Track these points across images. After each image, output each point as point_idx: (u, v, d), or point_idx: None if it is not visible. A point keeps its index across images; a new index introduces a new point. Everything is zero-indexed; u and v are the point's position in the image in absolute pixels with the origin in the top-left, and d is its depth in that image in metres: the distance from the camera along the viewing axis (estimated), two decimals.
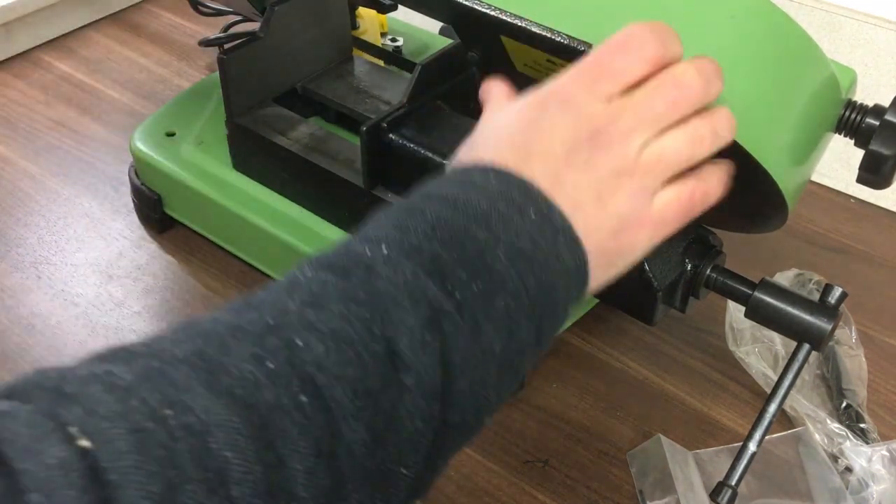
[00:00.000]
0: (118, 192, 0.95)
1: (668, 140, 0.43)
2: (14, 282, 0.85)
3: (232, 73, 0.78)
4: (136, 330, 0.81)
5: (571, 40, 0.53)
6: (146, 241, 0.90)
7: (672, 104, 0.43)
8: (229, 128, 0.82)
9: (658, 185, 0.44)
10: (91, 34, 1.21)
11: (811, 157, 0.58)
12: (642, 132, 0.43)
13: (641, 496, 0.68)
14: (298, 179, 0.79)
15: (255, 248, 0.84)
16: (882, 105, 0.57)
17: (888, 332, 0.82)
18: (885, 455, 0.68)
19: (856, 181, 0.57)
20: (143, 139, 0.88)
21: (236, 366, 0.33)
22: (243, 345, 0.34)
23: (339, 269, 0.38)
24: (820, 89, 0.55)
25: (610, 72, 0.43)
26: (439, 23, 1.04)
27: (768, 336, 0.78)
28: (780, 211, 0.59)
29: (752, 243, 0.87)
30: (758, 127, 0.53)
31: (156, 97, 1.09)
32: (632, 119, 0.43)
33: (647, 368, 0.79)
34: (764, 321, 0.59)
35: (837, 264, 0.90)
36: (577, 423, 0.74)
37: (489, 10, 0.56)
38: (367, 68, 0.88)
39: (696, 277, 0.61)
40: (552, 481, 0.70)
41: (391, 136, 0.70)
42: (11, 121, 1.05)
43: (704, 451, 0.70)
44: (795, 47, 0.53)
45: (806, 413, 0.72)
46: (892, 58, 0.90)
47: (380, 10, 0.85)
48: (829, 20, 0.92)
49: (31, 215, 0.93)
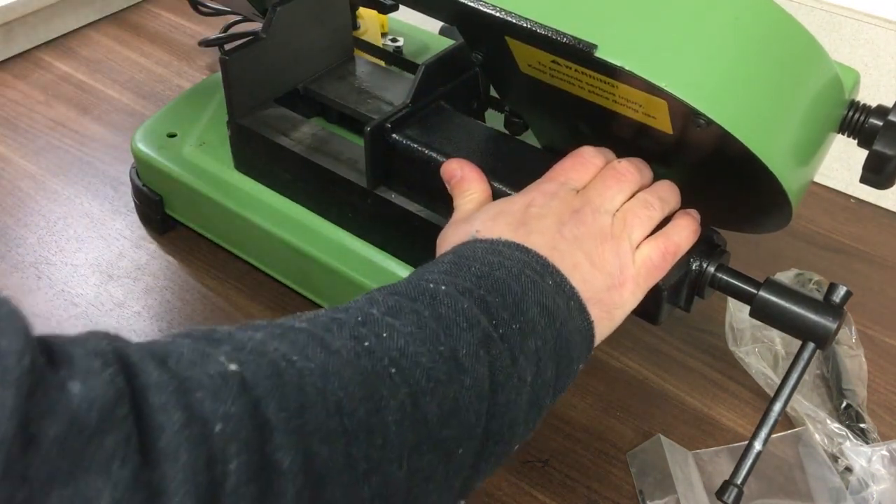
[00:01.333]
0: (118, 192, 0.95)
1: (627, 208, 0.57)
2: (14, 282, 0.85)
3: (234, 73, 0.78)
4: (136, 330, 0.81)
5: (576, 41, 0.53)
6: (146, 242, 0.90)
7: (618, 185, 0.57)
8: (231, 128, 0.82)
9: (634, 244, 0.56)
10: (91, 34, 1.21)
11: (815, 158, 0.59)
12: (608, 206, 0.56)
13: (641, 496, 0.68)
14: (301, 180, 0.79)
15: (256, 248, 0.84)
16: (885, 105, 0.57)
17: (888, 332, 0.83)
18: (885, 455, 0.68)
19: (859, 181, 0.57)
20: (145, 140, 0.88)
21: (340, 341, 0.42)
22: (343, 330, 0.43)
23: (407, 295, 0.47)
24: (823, 90, 0.56)
25: (574, 174, 0.58)
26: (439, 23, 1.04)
27: (768, 336, 0.78)
28: (783, 211, 0.59)
29: (752, 243, 0.88)
30: (762, 127, 0.53)
31: (156, 97, 1.09)
32: (597, 199, 0.56)
33: (647, 368, 0.79)
34: (769, 320, 0.59)
35: (837, 264, 0.90)
36: (577, 423, 0.74)
37: (493, 11, 0.56)
38: (368, 69, 0.88)
39: (701, 277, 0.61)
40: (552, 481, 0.70)
41: (395, 136, 0.70)
42: (11, 121, 1.05)
43: (704, 451, 0.71)
44: (799, 48, 0.54)
45: (806, 413, 0.72)
46: (892, 58, 0.90)
47: (381, 11, 0.85)
48: (829, 20, 0.92)
49: (31, 215, 0.93)
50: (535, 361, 0.48)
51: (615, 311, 0.54)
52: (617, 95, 0.57)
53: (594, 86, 0.58)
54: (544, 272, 0.51)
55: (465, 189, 0.61)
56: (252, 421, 0.36)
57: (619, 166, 0.58)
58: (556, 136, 0.73)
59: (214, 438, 0.34)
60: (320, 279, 0.79)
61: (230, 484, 0.34)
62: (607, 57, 0.52)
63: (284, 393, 0.37)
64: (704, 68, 0.52)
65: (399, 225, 0.73)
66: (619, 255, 0.54)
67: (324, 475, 0.37)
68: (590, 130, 0.67)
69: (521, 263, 0.51)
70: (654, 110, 0.56)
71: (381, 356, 0.42)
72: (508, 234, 0.53)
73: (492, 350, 0.46)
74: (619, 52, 0.52)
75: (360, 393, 0.40)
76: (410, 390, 0.42)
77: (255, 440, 0.35)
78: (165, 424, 0.34)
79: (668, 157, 0.63)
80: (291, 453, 0.36)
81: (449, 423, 0.43)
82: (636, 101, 0.56)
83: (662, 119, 0.56)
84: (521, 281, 0.49)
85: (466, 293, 0.48)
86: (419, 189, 0.71)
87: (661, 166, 0.62)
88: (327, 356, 0.41)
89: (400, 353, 0.43)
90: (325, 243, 0.78)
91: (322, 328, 0.43)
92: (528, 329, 0.48)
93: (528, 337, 0.48)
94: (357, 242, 0.77)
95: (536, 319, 0.49)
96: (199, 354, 0.37)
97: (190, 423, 0.34)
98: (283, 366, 0.39)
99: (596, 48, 0.52)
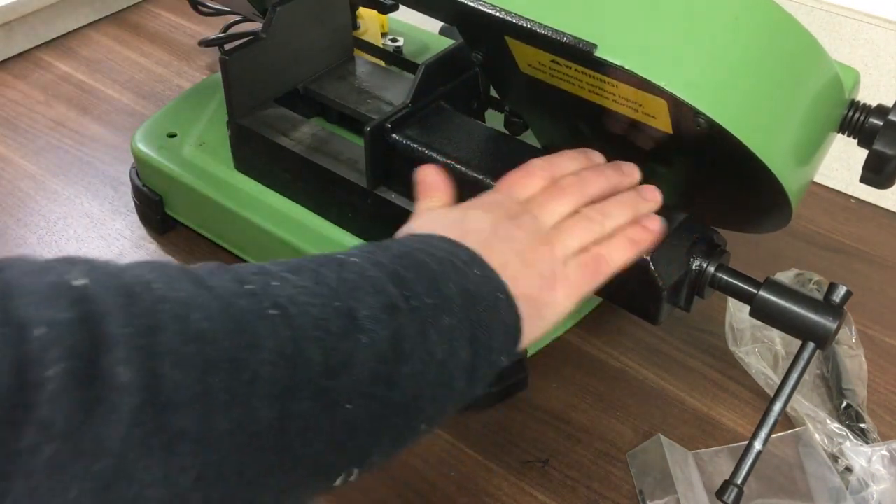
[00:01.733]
0: (118, 192, 0.95)
1: (567, 219, 0.57)
2: None
3: (234, 73, 0.78)
4: None
5: (576, 41, 0.53)
6: (146, 242, 0.90)
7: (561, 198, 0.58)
8: (231, 128, 0.82)
9: (569, 253, 0.56)
10: (91, 34, 1.21)
11: (815, 157, 0.59)
12: (546, 217, 0.57)
13: (641, 496, 0.68)
14: (300, 180, 0.79)
15: (256, 248, 0.84)
16: (886, 105, 0.57)
17: (888, 332, 0.83)
18: (885, 455, 0.68)
19: (859, 181, 0.57)
20: (145, 140, 0.88)
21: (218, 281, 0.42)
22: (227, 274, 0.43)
23: (315, 261, 0.47)
24: (824, 89, 0.56)
25: (518, 186, 0.59)
26: (439, 23, 1.04)
27: (768, 336, 0.78)
28: (783, 210, 0.59)
29: (752, 243, 0.88)
30: (762, 127, 0.53)
31: (156, 97, 1.09)
32: (537, 208, 0.57)
33: (647, 368, 0.79)
34: (769, 320, 0.59)
35: (837, 264, 0.90)
36: (577, 423, 0.74)
37: (493, 11, 0.56)
38: (368, 69, 0.88)
39: (701, 277, 0.61)
40: (552, 481, 0.70)
41: (395, 135, 0.70)
42: (11, 121, 1.05)
43: (704, 451, 0.70)
44: (799, 48, 0.54)
45: (806, 413, 0.72)
46: (892, 58, 0.90)
47: (381, 11, 0.85)
48: (829, 20, 0.92)
49: (31, 215, 0.93)
50: (447, 340, 0.47)
51: (545, 311, 0.54)
52: (617, 95, 0.57)
53: (594, 85, 0.58)
54: (472, 262, 0.51)
55: (427, 195, 0.61)
56: (85, 331, 0.35)
57: (563, 181, 0.59)
58: (556, 135, 0.73)
59: (31, 342, 0.34)
60: None
61: (48, 389, 0.34)
62: (607, 56, 0.52)
63: (132, 312, 0.37)
64: (704, 68, 0.52)
65: (399, 225, 0.73)
66: (551, 259, 0.55)
67: (172, 398, 0.37)
68: (589, 130, 0.67)
69: (446, 252, 0.51)
70: (654, 110, 0.56)
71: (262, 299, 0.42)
72: (442, 233, 0.53)
73: (398, 318, 0.45)
74: (619, 51, 0.52)
75: (229, 326, 0.40)
76: (293, 335, 0.42)
77: (84, 349, 0.35)
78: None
79: (668, 156, 0.63)
80: (133, 370, 0.36)
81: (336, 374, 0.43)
82: (636, 100, 0.56)
83: (662, 119, 0.56)
84: (443, 264, 0.49)
85: (379, 265, 0.47)
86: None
87: (661, 166, 0.62)
88: (197, 289, 0.40)
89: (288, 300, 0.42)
90: (325, 243, 0.78)
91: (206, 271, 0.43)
92: (442, 305, 0.47)
93: (442, 313, 0.47)
94: (357, 242, 0.77)
95: (454, 299, 0.48)
96: (42, 267, 0.37)
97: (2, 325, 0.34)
98: (137, 290, 0.38)
99: (596, 48, 0.52)
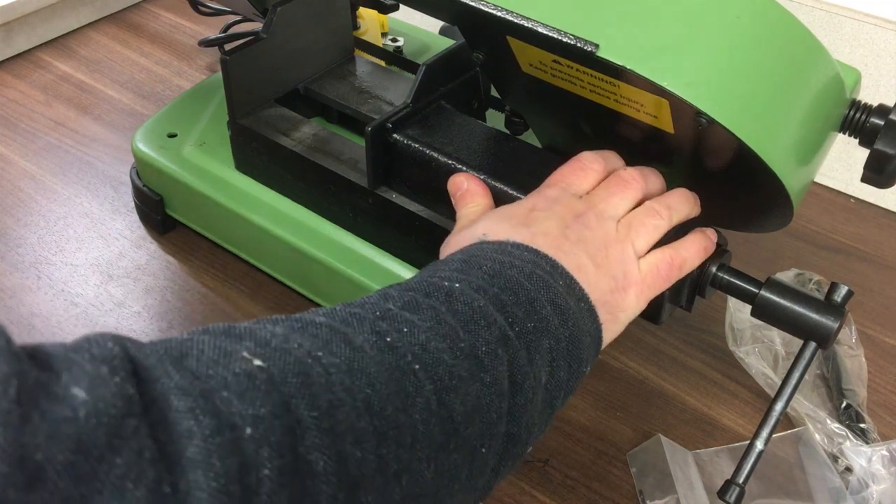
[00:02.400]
0: (118, 192, 0.95)
1: (633, 215, 0.57)
2: (14, 282, 0.85)
3: (234, 73, 0.78)
4: (136, 330, 0.81)
5: (578, 41, 0.53)
6: (146, 241, 0.90)
7: (622, 192, 0.57)
8: (232, 128, 0.82)
9: (640, 251, 0.55)
10: (91, 34, 1.21)
11: (816, 157, 0.59)
12: (611, 212, 0.56)
13: (641, 496, 0.68)
14: (301, 180, 0.79)
15: (257, 248, 0.84)
16: (887, 105, 0.57)
17: (888, 332, 0.83)
18: (885, 455, 0.68)
19: (860, 180, 0.57)
20: (145, 140, 0.88)
21: (362, 336, 0.41)
22: (363, 325, 0.42)
23: (422, 291, 0.46)
24: (825, 89, 0.56)
25: (574, 180, 0.58)
26: (439, 23, 1.04)
27: (768, 336, 0.78)
28: (784, 210, 0.59)
29: (752, 243, 0.88)
30: (763, 126, 0.53)
31: (156, 97, 1.09)
32: (601, 204, 0.56)
33: (647, 368, 0.79)
34: (770, 320, 0.59)
35: (837, 264, 0.90)
36: (577, 423, 0.74)
37: (495, 10, 0.56)
38: (368, 69, 0.88)
39: (703, 276, 0.61)
40: (552, 481, 0.70)
41: (396, 135, 0.70)
42: (11, 121, 1.05)
43: (704, 451, 0.71)
44: (800, 47, 0.54)
45: (806, 413, 0.72)
46: (892, 58, 0.90)
47: (381, 11, 0.85)
48: (829, 20, 0.92)
49: (31, 215, 0.92)
50: (548, 361, 0.48)
51: (620, 315, 0.54)
52: (618, 95, 0.57)
53: (596, 85, 0.58)
54: (554, 272, 0.51)
55: (468, 201, 0.62)
56: (283, 422, 0.34)
57: (624, 173, 0.58)
58: (558, 135, 0.73)
59: (246, 443, 0.32)
60: (321, 279, 0.79)
61: (265, 490, 0.32)
62: (609, 56, 0.52)
63: (313, 391, 0.36)
64: (706, 67, 0.52)
65: (400, 225, 0.73)
66: (623, 259, 0.54)
67: (357, 477, 0.36)
68: (591, 130, 0.67)
69: (531, 263, 0.50)
70: (656, 110, 0.56)
71: (403, 352, 0.41)
72: (514, 237, 0.53)
73: (509, 349, 0.45)
74: (621, 51, 0.52)
75: (387, 390, 0.39)
76: (435, 387, 0.41)
77: (287, 442, 0.33)
78: (194, 431, 0.31)
79: (669, 156, 0.63)
80: (325, 454, 0.35)
81: (472, 421, 0.42)
82: (638, 100, 0.56)
83: (664, 118, 0.56)
84: (533, 280, 0.49)
85: (480, 291, 0.47)
86: (420, 189, 0.71)
87: (662, 166, 0.62)
88: (352, 352, 0.39)
89: (422, 348, 0.41)
90: (325, 243, 0.78)
91: (342, 322, 0.41)
92: (542, 327, 0.47)
93: (542, 335, 0.47)
94: (358, 242, 0.77)
95: (550, 318, 0.48)
96: (220, 352, 0.35)
97: (220, 428, 0.32)
98: (309, 362, 0.37)
99: (598, 48, 0.52)
